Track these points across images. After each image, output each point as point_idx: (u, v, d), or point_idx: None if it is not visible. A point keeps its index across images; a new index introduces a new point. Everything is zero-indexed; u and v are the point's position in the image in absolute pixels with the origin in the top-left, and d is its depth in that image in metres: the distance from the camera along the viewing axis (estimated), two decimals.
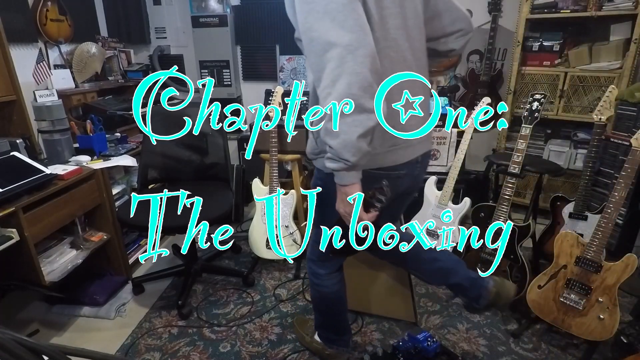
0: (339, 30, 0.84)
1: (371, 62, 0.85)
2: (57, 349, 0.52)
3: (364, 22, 0.86)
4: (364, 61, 0.84)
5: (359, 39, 0.84)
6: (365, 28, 0.86)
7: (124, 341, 1.78)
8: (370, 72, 0.85)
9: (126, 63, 3.20)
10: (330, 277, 1.47)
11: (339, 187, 1.00)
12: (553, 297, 1.68)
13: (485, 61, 2.94)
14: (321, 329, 1.64)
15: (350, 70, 0.84)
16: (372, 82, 0.86)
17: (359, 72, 0.84)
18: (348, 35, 0.84)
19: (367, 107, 0.86)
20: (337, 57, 0.84)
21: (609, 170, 2.20)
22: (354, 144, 0.88)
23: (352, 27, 0.84)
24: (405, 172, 1.10)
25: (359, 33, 0.84)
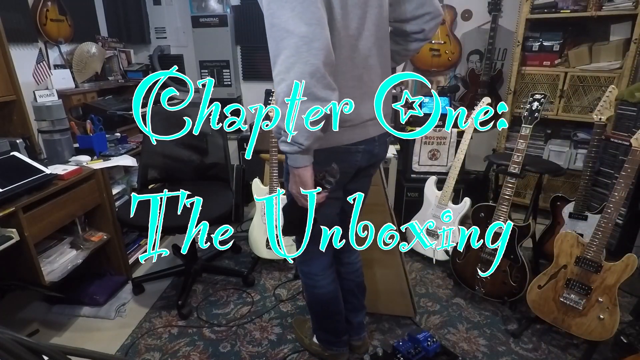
0: (298, 21, 0.88)
1: (325, 55, 0.90)
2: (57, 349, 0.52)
3: (321, 16, 0.90)
4: (317, 53, 0.89)
5: (315, 31, 0.89)
6: (322, 22, 0.90)
7: (124, 341, 1.78)
8: (323, 64, 0.90)
9: (126, 63, 3.20)
10: (322, 277, 1.45)
11: (291, 169, 1.06)
12: (553, 297, 1.68)
13: (485, 61, 2.94)
14: (319, 331, 1.63)
15: (304, 60, 0.89)
16: (324, 74, 0.91)
17: (313, 62, 0.89)
18: (305, 27, 0.88)
19: (319, 96, 0.92)
20: (292, 46, 0.89)
21: (609, 170, 2.20)
22: (306, 129, 0.94)
23: (309, 20, 0.89)
24: (364, 147, 1.18)
25: (315, 26, 0.89)
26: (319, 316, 1.58)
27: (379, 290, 1.86)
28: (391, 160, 2.19)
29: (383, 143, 1.28)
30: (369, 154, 1.22)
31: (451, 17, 2.98)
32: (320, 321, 1.59)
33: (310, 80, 0.90)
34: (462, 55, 3.06)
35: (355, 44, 1.07)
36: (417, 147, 2.48)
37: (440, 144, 2.46)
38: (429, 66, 3.08)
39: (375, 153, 1.26)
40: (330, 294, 1.48)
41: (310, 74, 0.89)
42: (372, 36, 1.10)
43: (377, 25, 1.11)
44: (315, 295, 1.49)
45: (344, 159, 1.16)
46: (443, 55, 3.03)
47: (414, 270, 2.29)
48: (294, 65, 0.89)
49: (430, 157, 2.49)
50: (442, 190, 2.29)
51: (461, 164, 2.27)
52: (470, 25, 3.02)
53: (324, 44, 0.90)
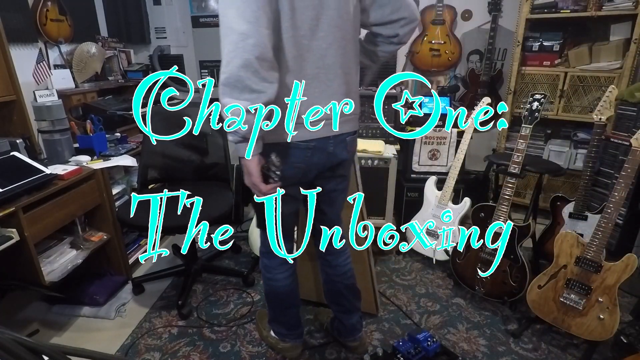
0: (239, 19, 0.97)
1: (259, 51, 0.98)
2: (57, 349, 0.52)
3: (260, 16, 0.98)
4: (252, 49, 0.97)
5: (252, 29, 0.97)
6: (260, 21, 0.98)
7: (124, 341, 1.78)
8: (257, 59, 0.98)
9: (126, 63, 3.19)
10: (280, 271, 1.49)
11: (241, 160, 1.13)
12: (553, 297, 1.68)
13: (485, 61, 2.94)
14: (274, 323, 1.66)
15: (240, 55, 0.97)
16: (258, 68, 0.98)
17: (247, 57, 0.97)
18: (245, 25, 0.97)
19: (253, 88, 1.00)
20: (233, 42, 0.97)
21: (609, 170, 2.20)
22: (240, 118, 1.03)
23: (249, 18, 0.97)
24: (315, 144, 1.21)
25: (253, 24, 0.97)
26: (274, 308, 1.61)
27: None
28: (391, 160, 2.19)
29: (341, 142, 1.28)
30: (322, 152, 1.25)
31: (451, 17, 2.98)
32: (275, 313, 1.63)
33: (245, 73, 0.98)
34: (462, 55, 3.06)
35: (308, 43, 1.11)
36: (417, 147, 2.48)
37: (440, 144, 2.46)
38: (429, 66, 3.08)
39: (332, 152, 1.27)
40: (285, 287, 1.51)
41: (245, 68, 0.97)
42: (330, 36, 1.14)
43: (336, 26, 1.14)
44: (272, 287, 1.53)
45: (294, 155, 1.21)
46: (443, 55, 3.03)
47: (414, 270, 2.29)
48: (232, 59, 0.98)
49: (430, 157, 2.49)
50: (442, 190, 2.29)
51: (461, 164, 2.27)
52: (470, 25, 3.02)
53: (259, 40, 0.97)
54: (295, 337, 1.65)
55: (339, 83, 1.20)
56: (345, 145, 1.30)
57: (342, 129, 1.26)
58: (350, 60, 1.23)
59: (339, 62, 1.18)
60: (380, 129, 2.48)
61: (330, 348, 1.72)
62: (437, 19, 2.97)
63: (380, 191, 2.25)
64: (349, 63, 1.22)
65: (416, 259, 2.40)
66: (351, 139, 1.33)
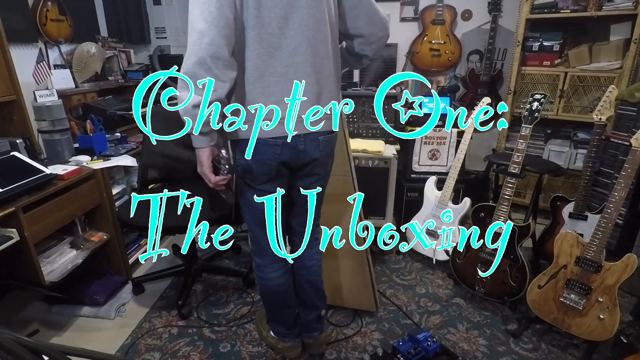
0: (199, 18, 1.03)
1: (213, 50, 1.03)
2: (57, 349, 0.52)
3: (216, 16, 1.02)
4: (206, 48, 1.02)
5: (208, 28, 1.02)
6: (217, 21, 1.03)
7: (124, 341, 1.78)
8: (210, 58, 1.03)
9: (126, 63, 3.20)
10: (272, 269, 1.49)
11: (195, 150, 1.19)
12: (553, 297, 1.68)
13: (485, 61, 2.94)
14: (272, 323, 1.66)
15: (196, 52, 1.03)
16: (210, 66, 1.04)
17: (201, 55, 1.03)
18: (202, 24, 1.02)
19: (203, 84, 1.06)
20: (192, 40, 1.04)
21: (609, 170, 2.20)
22: (190, 111, 1.10)
23: (207, 18, 1.02)
24: (283, 142, 1.23)
25: (209, 23, 1.02)
26: (271, 308, 1.62)
27: (343, 282, 1.88)
28: (391, 160, 2.19)
29: (313, 141, 1.29)
30: (292, 149, 1.26)
31: (451, 17, 2.98)
32: (272, 313, 1.63)
33: (199, 70, 1.04)
34: (462, 55, 3.06)
35: (277, 41, 1.14)
36: (417, 147, 2.48)
37: (440, 144, 2.46)
38: (429, 66, 3.08)
39: (302, 150, 1.28)
40: (280, 286, 1.52)
41: (199, 65, 1.04)
42: (300, 35, 1.16)
43: (306, 25, 1.16)
44: (266, 286, 1.53)
45: (262, 151, 1.23)
46: (443, 55, 3.03)
47: (414, 270, 2.29)
48: (189, 56, 1.04)
49: (430, 157, 2.49)
50: (442, 190, 2.29)
51: (461, 164, 2.27)
52: (470, 25, 3.03)
53: (213, 40, 1.03)
54: (295, 336, 1.65)
55: (310, 82, 1.21)
56: (318, 144, 1.30)
57: (313, 128, 1.27)
58: (323, 60, 1.23)
59: (309, 61, 1.19)
60: (380, 129, 2.48)
61: (330, 348, 1.72)
62: (437, 19, 2.97)
63: (380, 191, 2.25)
64: (321, 62, 1.23)
65: (416, 259, 2.40)
66: (325, 139, 1.32)
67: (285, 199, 1.41)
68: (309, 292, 1.59)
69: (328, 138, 1.34)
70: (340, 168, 1.66)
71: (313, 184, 1.41)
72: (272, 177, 1.31)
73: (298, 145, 1.27)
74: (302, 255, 1.57)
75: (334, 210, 1.72)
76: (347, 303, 1.93)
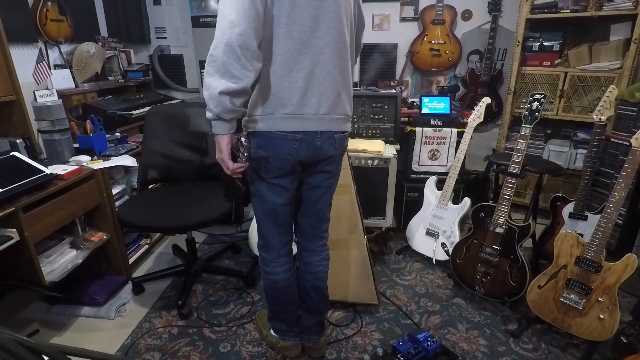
0: (231, 10, 1.07)
1: (243, 40, 1.07)
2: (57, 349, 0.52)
3: (249, 8, 1.07)
4: (237, 37, 1.06)
5: (240, 19, 1.06)
6: (248, 13, 1.07)
7: (124, 341, 1.78)
8: (240, 47, 1.07)
9: (126, 63, 3.20)
10: (277, 264, 1.50)
11: (215, 137, 1.21)
12: (553, 297, 1.68)
13: (485, 61, 2.94)
14: (273, 320, 1.66)
15: (226, 40, 1.07)
16: (239, 55, 1.08)
17: (232, 44, 1.07)
18: (234, 15, 1.07)
19: (232, 72, 1.09)
20: (222, 29, 1.08)
21: (609, 170, 2.20)
22: (217, 97, 1.11)
23: (239, 9, 1.06)
24: (302, 137, 1.26)
25: (241, 15, 1.06)
26: (274, 304, 1.61)
27: (343, 274, 1.90)
28: (391, 160, 2.19)
29: (329, 138, 1.31)
30: (309, 145, 1.28)
31: (451, 17, 2.98)
32: (274, 309, 1.62)
33: (228, 58, 1.08)
34: (462, 55, 3.06)
35: (307, 40, 1.18)
36: (417, 147, 2.48)
37: (440, 144, 2.46)
38: (429, 66, 3.08)
39: (319, 147, 1.30)
40: (284, 282, 1.52)
41: (228, 54, 1.07)
42: (327, 36, 1.21)
43: (334, 28, 1.21)
44: (270, 282, 1.53)
45: (280, 145, 1.26)
46: (443, 55, 3.03)
47: (413, 270, 2.29)
48: (219, 44, 1.08)
49: (430, 157, 2.49)
50: (442, 190, 2.29)
51: (461, 164, 2.27)
52: (470, 25, 3.02)
53: (244, 30, 1.06)
54: (295, 335, 1.65)
55: (332, 81, 1.25)
56: (334, 142, 1.33)
57: (331, 127, 1.30)
58: (344, 62, 1.28)
59: (333, 62, 1.24)
60: (380, 128, 2.48)
61: (330, 348, 1.72)
62: (437, 19, 2.97)
63: (380, 191, 2.25)
64: (343, 64, 1.28)
65: (416, 259, 2.40)
66: (340, 137, 1.35)
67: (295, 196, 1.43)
68: (314, 297, 1.59)
69: (343, 137, 1.38)
70: None
71: (324, 181, 1.43)
72: (286, 172, 1.32)
73: (315, 142, 1.29)
74: (310, 261, 1.56)
75: (334, 201, 1.74)
76: (348, 297, 1.93)
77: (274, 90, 1.21)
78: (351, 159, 1.87)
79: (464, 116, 2.45)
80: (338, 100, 1.29)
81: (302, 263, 1.58)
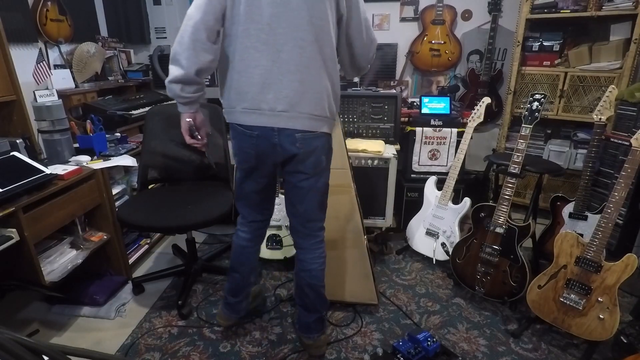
0: (193, 6, 1.21)
1: (192, 32, 1.20)
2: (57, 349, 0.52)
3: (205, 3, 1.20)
4: (189, 30, 1.20)
5: (194, 13, 1.20)
6: (204, 7, 1.20)
7: (124, 341, 1.78)
8: (190, 39, 1.20)
9: (126, 63, 3.19)
10: (242, 230, 1.64)
11: None
12: (553, 297, 1.68)
13: (485, 61, 2.94)
14: (225, 291, 1.75)
15: (181, 32, 1.22)
16: (189, 46, 1.21)
17: (183, 36, 1.21)
18: (192, 9, 1.21)
19: (180, 62, 1.24)
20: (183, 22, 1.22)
21: (609, 170, 2.20)
22: (167, 85, 1.29)
23: (198, 4, 1.20)
24: (258, 133, 1.34)
25: (197, 9, 1.20)
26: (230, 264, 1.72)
27: (343, 274, 1.90)
28: (391, 160, 2.19)
29: (288, 136, 1.33)
30: (267, 141, 1.35)
31: (451, 17, 2.98)
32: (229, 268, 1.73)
33: (179, 48, 1.22)
34: (462, 55, 3.06)
35: (266, 38, 1.23)
36: (417, 147, 2.48)
37: (440, 144, 2.46)
38: (429, 66, 3.08)
39: (277, 143, 1.34)
40: (238, 246, 1.66)
41: (179, 44, 1.22)
42: (288, 35, 1.24)
43: (297, 26, 1.23)
44: (233, 241, 1.68)
45: (241, 138, 1.38)
46: (443, 55, 3.03)
47: (414, 270, 2.29)
48: (178, 35, 1.22)
49: (430, 157, 2.49)
50: (442, 190, 2.29)
51: (461, 164, 2.27)
52: (470, 25, 3.02)
53: (196, 22, 1.20)
54: (228, 307, 1.73)
55: (293, 79, 1.27)
56: (294, 140, 1.33)
57: (289, 124, 1.31)
58: (310, 60, 1.27)
59: (294, 60, 1.25)
60: (380, 128, 2.48)
61: (330, 348, 1.72)
62: (437, 19, 2.97)
63: (380, 191, 2.25)
64: (309, 62, 1.27)
65: (416, 259, 2.40)
66: (304, 137, 1.34)
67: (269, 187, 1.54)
68: (310, 295, 1.59)
69: (308, 137, 1.35)
70: (338, 162, 1.74)
71: (301, 182, 1.44)
72: (252, 165, 1.43)
73: (272, 139, 1.34)
74: (304, 259, 1.57)
75: (333, 201, 1.75)
76: (348, 296, 1.93)
77: (234, 85, 1.30)
78: (351, 159, 1.86)
79: (464, 116, 2.46)
80: (300, 98, 1.28)
81: (298, 261, 1.59)
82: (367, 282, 1.89)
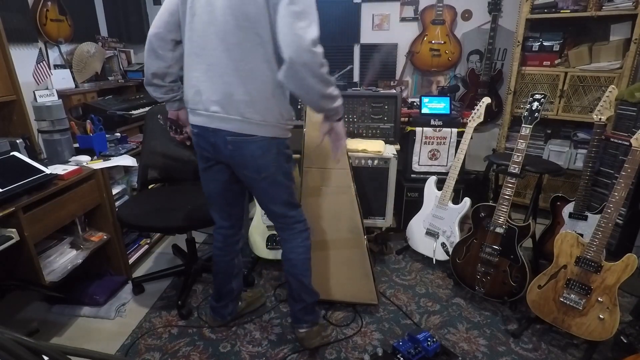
0: None
1: (148, 42, 1.43)
2: (57, 349, 0.52)
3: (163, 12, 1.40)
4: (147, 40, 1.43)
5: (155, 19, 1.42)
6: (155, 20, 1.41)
7: (124, 341, 1.78)
8: (146, 49, 1.43)
9: (126, 63, 3.20)
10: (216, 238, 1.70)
11: None
12: (553, 297, 1.68)
13: (485, 61, 2.94)
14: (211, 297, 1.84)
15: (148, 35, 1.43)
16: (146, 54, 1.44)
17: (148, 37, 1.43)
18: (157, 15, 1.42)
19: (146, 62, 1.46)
20: None
21: (609, 170, 2.20)
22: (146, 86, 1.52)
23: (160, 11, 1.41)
24: (198, 132, 1.44)
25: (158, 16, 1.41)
26: None
27: (343, 274, 1.90)
28: (391, 160, 2.19)
29: (220, 138, 1.38)
30: (205, 140, 1.43)
31: (451, 17, 2.98)
32: None
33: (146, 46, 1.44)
34: (462, 55, 3.06)
35: (202, 43, 1.32)
36: (417, 147, 2.48)
37: (440, 144, 2.46)
38: (429, 66, 3.08)
39: (214, 143, 1.41)
40: (215, 255, 1.73)
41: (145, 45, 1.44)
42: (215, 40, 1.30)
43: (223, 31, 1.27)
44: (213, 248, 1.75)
45: (194, 137, 1.50)
46: (443, 55, 3.03)
47: (413, 270, 2.29)
48: None
49: (430, 157, 2.49)
50: (442, 190, 2.28)
51: (461, 164, 2.27)
52: (470, 25, 3.03)
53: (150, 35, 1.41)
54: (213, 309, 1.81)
55: (222, 82, 1.32)
56: (226, 143, 1.38)
57: (221, 125, 1.36)
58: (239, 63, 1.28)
59: (224, 63, 1.30)
60: (380, 128, 2.48)
61: (330, 348, 1.72)
62: (437, 19, 2.97)
63: (380, 191, 2.25)
64: (238, 65, 1.28)
65: (416, 259, 2.40)
66: (234, 140, 1.36)
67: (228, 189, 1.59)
68: (293, 284, 1.62)
69: (240, 140, 1.35)
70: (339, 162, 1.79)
71: (255, 183, 1.47)
72: (203, 164, 1.53)
73: (209, 138, 1.41)
74: (284, 249, 1.60)
75: (333, 201, 1.75)
76: (348, 296, 1.93)
77: (184, 86, 1.44)
78: (351, 159, 1.86)
79: (464, 116, 2.45)
80: (230, 100, 1.31)
81: (282, 251, 1.62)
82: (367, 282, 1.89)
